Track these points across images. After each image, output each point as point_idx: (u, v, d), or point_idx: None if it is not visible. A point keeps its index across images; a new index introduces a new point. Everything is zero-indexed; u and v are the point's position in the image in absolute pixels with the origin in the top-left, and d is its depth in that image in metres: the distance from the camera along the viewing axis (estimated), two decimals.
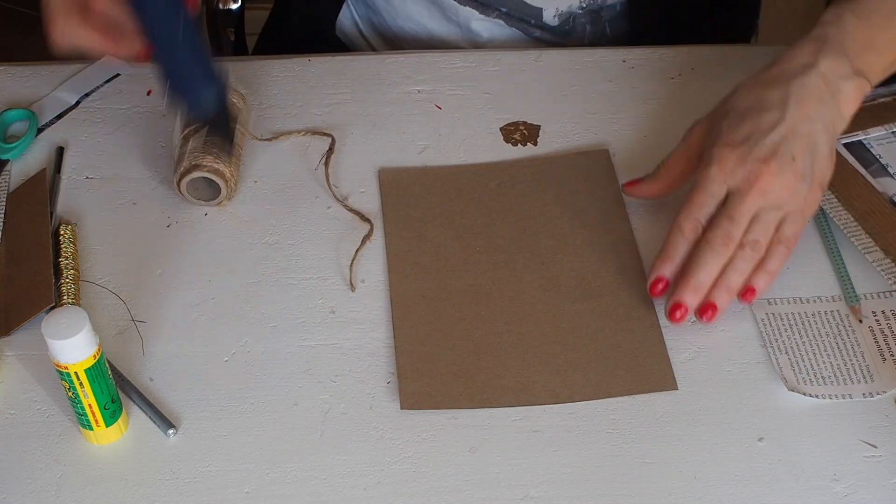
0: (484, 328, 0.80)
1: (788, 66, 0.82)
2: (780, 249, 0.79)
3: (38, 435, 0.74)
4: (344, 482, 0.72)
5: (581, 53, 1.03)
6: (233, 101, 0.91)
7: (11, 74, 1.01)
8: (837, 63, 0.82)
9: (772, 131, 0.79)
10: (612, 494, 0.71)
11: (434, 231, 0.87)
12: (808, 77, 0.81)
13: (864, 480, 0.71)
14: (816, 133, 0.80)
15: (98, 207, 0.89)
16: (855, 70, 0.82)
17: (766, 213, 0.78)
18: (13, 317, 0.80)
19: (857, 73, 0.82)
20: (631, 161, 0.93)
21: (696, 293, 0.78)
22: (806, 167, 0.79)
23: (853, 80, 0.82)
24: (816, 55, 0.82)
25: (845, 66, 0.82)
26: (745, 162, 0.78)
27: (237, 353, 0.79)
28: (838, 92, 0.81)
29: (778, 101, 0.80)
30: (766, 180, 0.78)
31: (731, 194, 0.79)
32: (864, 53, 0.83)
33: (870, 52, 0.83)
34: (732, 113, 0.82)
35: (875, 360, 0.77)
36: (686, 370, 0.77)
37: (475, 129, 0.96)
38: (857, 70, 0.82)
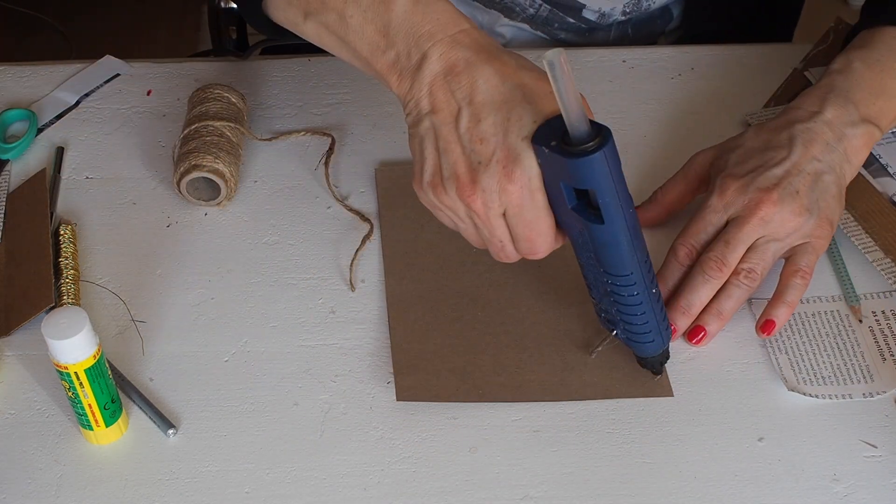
0: (480, 329, 0.80)
1: (796, 113, 0.83)
2: (797, 281, 0.78)
3: (38, 435, 0.74)
4: (344, 482, 0.72)
5: (581, 53, 1.03)
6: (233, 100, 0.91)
7: (11, 74, 1.01)
8: (843, 111, 0.82)
9: (776, 166, 0.79)
10: (612, 494, 0.71)
11: (430, 232, 0.87)
12: (814, 123, 0.81)
13: (864, 480, 0.71)
14: (823, 173, 0.80)
15: (98, 207, 0.89)
16: (863, 117, 0.82)
17: (766, 243, 0.78)
18: (13, 317, 0.80)
19: (864, 121, 0.82)
20: (631, 161, 0.92)
21: (686, 315, 0.78)
22: (811, 202, 0.79)
23: (861, 127, 0.82)
24: (822, 103, 0.82)
25: (852, 113, 0.82)
26: (746, 191, 0.79)
27: (237, 353, 0.79)
28: (844, 138, 0.81)
29: (784, 141, 0.81)
30: (766, 209, 0.78)
31: (730, 221, 0.79)
32: (873, 100, 0.83)
33: (880, 97, 0.83)
34: (740, 150, 0.82)
35: (875, 360, 0.78)
36: (686, 371, 0.77)
37: None
38: (865, 117, 0.82)
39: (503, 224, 0.70)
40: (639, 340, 0.74)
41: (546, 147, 0.66)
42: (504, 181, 0.67)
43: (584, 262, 0.73)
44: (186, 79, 1.00)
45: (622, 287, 0.70)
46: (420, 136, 0.71)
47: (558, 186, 0.67)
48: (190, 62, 1.02)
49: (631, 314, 0.72)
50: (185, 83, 0.99)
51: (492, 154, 0.67)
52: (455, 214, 0.71)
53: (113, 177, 0.92)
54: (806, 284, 0.78)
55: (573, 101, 0.63)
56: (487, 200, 0.68)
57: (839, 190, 0.81)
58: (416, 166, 0.72)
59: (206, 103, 0.90)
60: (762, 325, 0.78)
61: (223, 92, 0.92)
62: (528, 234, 0.70)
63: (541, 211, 0.69)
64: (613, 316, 0.74)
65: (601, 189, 0.65)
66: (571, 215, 0.68)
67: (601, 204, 0.66)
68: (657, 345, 0.74)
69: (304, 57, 1.02)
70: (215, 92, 0.91)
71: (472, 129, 0.68)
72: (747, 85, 1.00)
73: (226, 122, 0.89)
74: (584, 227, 0.68)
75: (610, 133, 0.65)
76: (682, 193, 0.85)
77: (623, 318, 0.73)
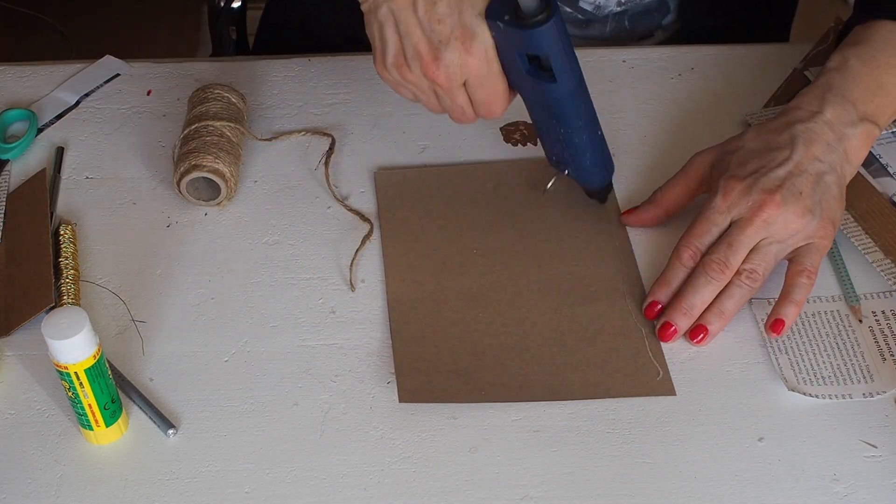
0: (481, 330, 0.80)
1: (796, 113, 0.83)
2: (803, 281, 0.78)
3: (38, 435, 0.74)
4: (344, 482, 0.72)
5: (581, 53, 1.02)
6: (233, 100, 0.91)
7: (11, 74, 1.01)
8: (842, 111, 0.82)
9: (779, 167, 0.79)
10: (612, 494, 0.71)
11: (431, 233, 0.87)
12: (814, 123, 0.81)
13: (864, 480, 0.71)
14: (825, 173, 0.80)
15: (98, 207, 0.89)
16: (861, 116, 0.82)
17: (769, 245, 0.78)
18: (13, 317, 0.80)
19: (863, 119, 0.82)
20: (630, 162, 0.93)
21: (687, 316, 0.78)
22: (814, 203, 0.79)
23: (859, 126, 0.82)
24: (821, 103, 0.82)
25: (850, 113, 0.82)
26: (749, 193, 0.79)
27: (237, 353, 0.79)
28: (844, 138, 0.81)
29: (786, 142, 0.81)
30: (769, 211, 0.78)
31: (733, 223, 0.79)
32: (871, 97, 0.83)
33: (878, 95, 0.83)
34: (741, 151, 0.82)
35: (875, 360, 0.77)
36: (686, 370, 0.77)
37: (475, 129, 0.96)
38: (863, 116, 0.82)
39: (464, 92, 0.79)
40: (588, 175, 0.85)
41: (500, 21, 0.75)
42: (464, 55, 0.76)
43: (537, 117, 0.82)
44: (186, 79, 1.00)
45: (573, 132, 0.81)
46: (379, 21, 0.78)
47: (513, 55, 0.77)
48: (190, 62, 1.02)
49: (581, 154, 0.83)
50: (185, 83, 0.99)
51: (450, 32, 0.76)
52: (418, 89, 0.80)
53: (113, 177, 0.92)
54: (812, 284, 0.78)
55: None
56: (450, 74, 0.77)
57: (840, 190, 0.81)
58: (377, 49, 0.79)
59: (206, 103, 0.90)
60: (771, 325, 0.78)
61: (223, 92, 0.91)
62: (486, 98, 0.79)
63: (497, 77, 0.78)
64: (565, 158, 0.84)
65: (554, 54, 0.75)
66: (526, 79, 0.78)
67: (554, 66, 0.76)
68: (604, 177, 0.86)
69: (305, 57, 1.02)
70: (215, 92, 0.91)
71: (429, 11, 0.76)
72: (747, 85, 0.99)
73: (226, 122, 0.89)
74: (537, 87, 0.78)
75: (557, 3, 0.74)
76: (681, 194, 0.86)
77: (574, 160, 0.83)
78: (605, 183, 0.87)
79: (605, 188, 0.87)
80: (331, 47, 1.04)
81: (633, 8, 1.05)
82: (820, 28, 1.02)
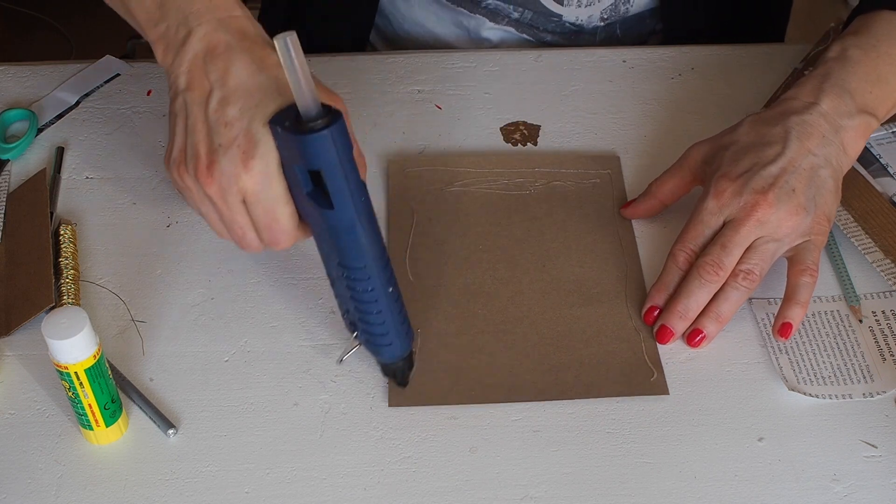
0: (479, 326, 0.80)
1: (791, 104, 0.82)
2: (806, 280, 0.78)
3: (38, 435, 0.74)
4: (344, 482, 0.72)
5: (581, 53, 1.03)
6: None
7: (11, 74, 1.02)
8: (839, 102, 0.81)
9: (771, 164, 0.79)
10: (612, 494, 0.71)
11: (437, 227, 0.87)
12: (810, 115, 0.80)
13: (864, 480, 0.71)
14: (819, 168, 0.79)
15: (98, 207, 0.89)
16: (859, 107, 0.81)
17: (764, 244, 0.78)
18: (13, 317, 0.80)
19: (861, 111, 0.81)
20: (631, 161, 0.93)
21: (683, 319, 0.78)
22: (808, 199, 0.78)
23: (857, 118, 0.81)
24: (818, 94, 0.81)
25: (848, 104, 0.81)
26: (742, 193, 0.78)
27: (237, 353, 0.79)
28: (841, 129, 0.80)
29: (779, 136, 0.80)
30: (763, 211, 0.77)
31: (726, 224, 0.79)
32: (870, 88, 0.82)
33: (877, 86, 0.82)
34: (734, 146, 0.81)
35: (875, 360, 0.78)
36: (686, 371, 0.77)
37: (475, 129, 0.96)
38: (861, 107, 0.81)
39: (243, 211, 0.70)
40: (377, 343, 0.73)
41: (280, 127, 0.66)
42: (240, 167, 0.68)
43: (325, 256, 0.72)
44: None
45: (357, 281, 0.70)
46: (174, 112, 0.72)
47: (295, 172, 0.68)
48: None
49: (367, 312, 0.71)
50: None
51: (234, 139, 0.68)
52: (196, 197, 0.71)
53: (113, 177, 0.92)
54: (814, 282, 0.78)
55: (303, 81, 0.64)
56: (224, 185, 0.68)
57: (836, 184, 0.80)
58: (169, 142, 0.72)
59: None
60: (779, 329, 0.77)
61: None
62: (267, 222, 0.70)
63: (279, 199, 0.69)
64: (353, 316, 0.73)
65: (328, 170, 0.66)
66: (308, 203, 0.68)
67: (329, 187, 0.66)
68: (395, 349, 0.73)
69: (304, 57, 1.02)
70: None
71: (219, 111, 0.69)
72: (747, 85, 1.00)
73: None
74: (319, 214, 0.68)
75: (340, 115, 0.66)
76: (676, 186, 0.85)
77: (361, 318, 0.72)
78: (395, 358, 0.74)
79: (397, 364, 0.75)
80: (330, 47, 1.04)
81: (619, 19, 1.05)
82: (820, 28, 1.02)
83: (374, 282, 0.70)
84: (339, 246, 0.69)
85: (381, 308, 0.71)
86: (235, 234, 0.72)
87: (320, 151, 0.65)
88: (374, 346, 0.74)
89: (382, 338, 0.72)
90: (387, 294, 0.71)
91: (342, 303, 0.74)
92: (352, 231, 0.68)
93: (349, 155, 0.66)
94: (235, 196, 0.69)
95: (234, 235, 0.72)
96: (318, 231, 0.71)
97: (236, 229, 0.71)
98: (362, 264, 0.69)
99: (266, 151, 0.68)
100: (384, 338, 0.72)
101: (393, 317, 0.72)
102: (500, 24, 1.06)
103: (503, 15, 1.05)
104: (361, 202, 0.68)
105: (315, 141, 0.65)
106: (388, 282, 0.71)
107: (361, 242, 0.68)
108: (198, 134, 0.69)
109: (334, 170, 0.66)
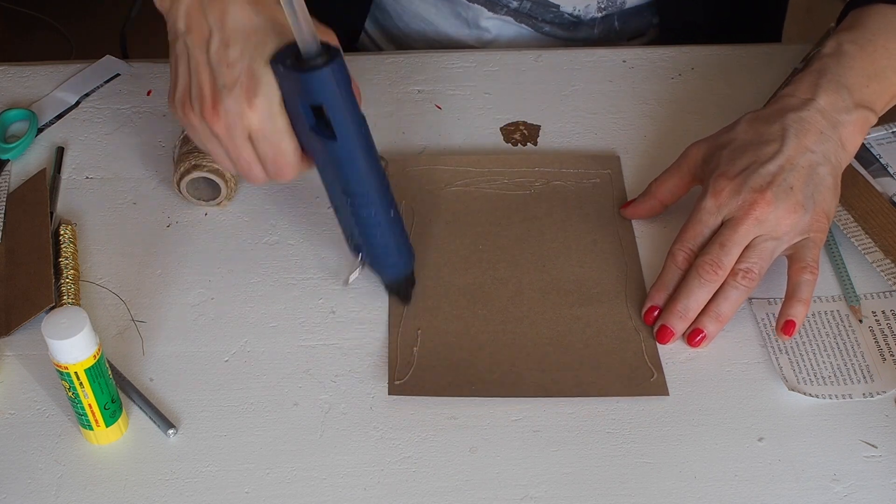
0: (479, 326, 0.80)
1: (788, 101, 0.82)
2: (807, 277, 0.77)
3: (38, 435, 0.74)
4: (344, 482, 0.72)
5: (581, 53, 1.03)
6: None
7: (11, 74, 1.02)
8: (836, 97, 0.81)
9: (769, 162, 0.79)
10: (612, 494, 0.71)
11: (437, 227, 0.87)
12: (807, 111, 0.80)
13: (864, 480, 0.71)
14: (817, 165, 0.79)
15: (98, 207, 0.89)
16: (856, 103, 0.81)
17: (763, 242, 0.78)
18: (13, 317, 0.80)
19: (858, 106, 0.81)
20: (631, 161, 0.93)
21: (682, 319, 0.78)
22: (806, 197, 0.78)
23: (855, 113, 0.81)
24: (815, 90, 0.81)
25: (845, 99, 0.81)
26: (740, 192, 0.78)
27: (237, 353, 0.79)
28: (839, 125, 0.80)
29: (777, 134, 0.80)
30: (761, 209, 0.77)
31: (725, 223, 0.79)
32: (867, 83, 0.82)
33: (874, 80, 0.82)
34: (732, 145, 0.81)
35: (875, 360, 0.78)
36: (686, 370, 0.77)
37: (475, 129, 0.96)
38: (858, 103, 0.81)
39: (249, 146, 0.74)
40: (382, 263, 0.79)
41: (282, 65, 0.70)
42: (245, 105, 0.71)
43: (328, 186, 0.77)
44: None
45: (360, 207, 0.75)
46: (176, 54, 0.74)
47: (297, 107, 0.71)
48: None
49: (370, 235, 0.77)
50: None
51: (236, 78, 0.71)
52: (202, 135, 0.75)
53: (113, 177, 0.92)
54: (815, 279, 0.78)
55: (303, 20, 0.67)
56: (230, 123, 0.72)
57: (835, 180, 0.80)
58: (171, 84, 0.75)
59: None
60: (783, 327, 0.77)
61: None
62: (272, 156, 0.74)
63: (283, 133, 0.73)
64: (358, 239, 0.78)
65: (330, 104, 0.70)
66: (311, 136, 0.72)
67: (332, 120, 0.70)
68: (399, 268, 0.79)
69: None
70: None
71: (220, 53, 0.71)
72: (747, 85, 1.00)
73: None
74: (322, 146, 0.72)
75: (339, 52, 0.69)
76: (675, 186, 0.85)
77: (365, 241, 0.77)
78: (398, 275, 0.80)
79: (401, 282, 0.80)
80: None
81: (616, 11, 1.05)
82: (820, 28, 1.02)
83: (376, 207, 0.75)
84: (343, 174, 0.74)
85: (384, 230, 0.77)
86: (242, 168, 0.75)
87: (323, 87, 0.69)
88: (380, 266, 0.79)
89: (386, 258, 0.78)
90: (388, 217, 0.76)
91: (346, 228, 0.79)
92: (354, 160, 0.73)
93: (349, 88, 0.70)
94: (241, 133, 0.72)
95: (240, 170, 0.76)
96: (321, 162, 0.75)
97: (242, 164, 0.75)
98: (365, 190, 0.74)
99: (269, 89, 0.71)
100: (388, 258, 0.78)
101: (395, 238, 0.77)
102: (498, 13, 1.06)
103: (501, 4, 1.05)
104: (362, 133, 0.72)
105: (317, 78, 0.69)
106: (390, 205, 0.76)
107: (364, 170, 0.73)
108: (201, 76, 0.72)
109: (336, 104, 0.70)
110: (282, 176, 0.75)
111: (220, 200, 0.88)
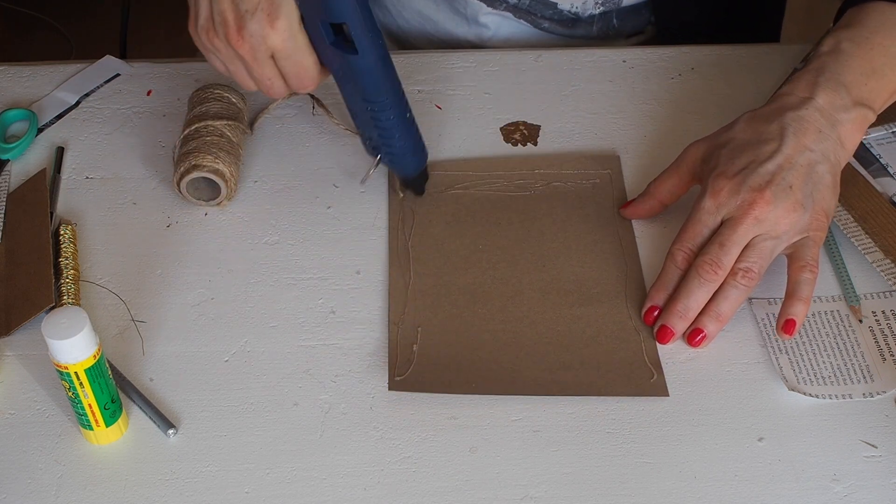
0: (479, 325, 0.80)
1: (787, 100, 0.82)
2: (807, 276, 0.77)
3: (38, 435, 0.74)
4: (344, 482, 0.72)
5: (581, 53, 1.03)
6: (233, 100, 0.91)
7: (11, 74, 1.02)
8: (835, 95, 0.81)
9: (768, 161, 0.78)
10: (612, 494, 0.71)
11: (437, 228, 0.87)
12: (806, 110, 0.80)
13: (864, 480, 0.71)
14: (816, 163, 0.79)
15: (98, 207, 0.89)
16: (855, 101, 0.81)
17: (762, 241, 0.78)
18: (13, 317, 0.80)
19: (857, 104, 0.81)
20: (631, 161, 0.93)
21: (683, 318, 0.78)
22: (805, 196, 0.78)
23: (853, 111, 0.81)
24: (813, 88, 0.81)
25: (843, 97, 0.81)
26: (739, 191, 0.78)
27: (237, 353, 0.79)
28: (838, 123, 0.80)
29: (775, 133, 0.80)
30: (760, 209, 0.77)
31: (724, 222, 0.79)
32: (865, 81, 0.82)
33: (872, 78, 0.82)
34: (731, 144, 0.81)
35: (875, 360, 0.78)
36: (686, 371, 0.77)
37: (475, 129, 0.96)
38: (857, 101, 0.81)
39: (272, 65, 0.80)
40: (400, 161, 0.86)
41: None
42: (267, 27, 0.77)
43: (347, 95, 0.83)
44: (186, 79, 1.00)
45: (380, 112, 0.82)
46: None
47: (318, 26, 0.77)
48: (190, 62, 1.02)
49: (390, 136, 0.83)
50: (185, 83, 0.99)
51: (258, 3, 0.76)
52: (225, 58, 0.80)
53: (113, 177, 0.92)
54: (815, 277, 0.78)
55: None
56: (254, 45, 0.78)
57: (834, 179, 0.80)
58: (191, 11, 0.80)
59: (207, 103, 0.91)
60: (783, 326, 0.77)
61: (223, 92, 0.92)
62: (295, 71, 0.80)
63: (304, 50, 0.79)
64: (376, 142, 0.85)
65: (352, 21, 0.76)
66: (331, 51, 0.79)
67: (353, 36, 0.77)
68: (416, 165, 0.87)
69: None
70: (215, 92, 0.91)
71: None
72: (747, 85, 1.00)
73: (226, 122, 0.89)
74: (342, 59, 0.79)
75: None
76: (675, 185, 0.85)
77: (384, 143, 0.84)
78: (417, 170, 0.87)
79: (418, 177, 0.88)
80: None
81: (614, 8, 1.05)
82: (819, 28, 1.02)
83: (394, 111, 0.82)
84: (363, 85, 0.80)
85: (402, 132, 0.84)
86: (264, 84, 0.81)
87: (344, 6, 0.75)
88: (398, 163, 0.86)
89: (404, 157, 0.85)
90: (405, 119, 0.83)
91: (364, 131, 0.86)
92: (374, 71, 0.79)
93: (368, 8, 0.77)
94: (265, 53, 0.78)
95: (262, 86, 0.82)
96: (340, 74, 0.81)
97: (265, 81, 0.81)
98: (385, 97, 0.81)
99: (289, 11, 0.77)
100: (405, 157, 0.85)
101: (412, 137, 0.85)
102: (497, 8, 1.06)
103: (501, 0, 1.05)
104: (380, 44, 0.79)
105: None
106: (406, 108, 0.83)
107: (383, 79, 0.80)
108: (223, 3, 0.77)
109: (357, 20, 0.76)
110: (303, 88, 0.81)
111: (220, 200, 0.88)
